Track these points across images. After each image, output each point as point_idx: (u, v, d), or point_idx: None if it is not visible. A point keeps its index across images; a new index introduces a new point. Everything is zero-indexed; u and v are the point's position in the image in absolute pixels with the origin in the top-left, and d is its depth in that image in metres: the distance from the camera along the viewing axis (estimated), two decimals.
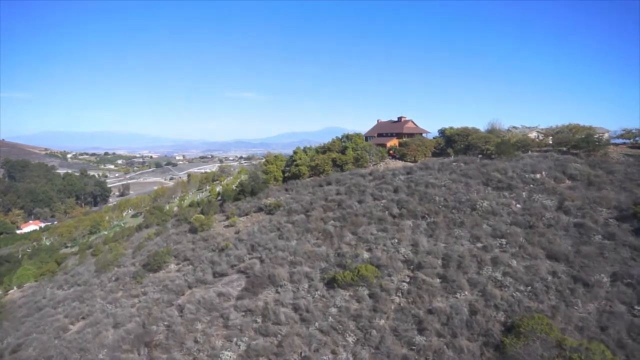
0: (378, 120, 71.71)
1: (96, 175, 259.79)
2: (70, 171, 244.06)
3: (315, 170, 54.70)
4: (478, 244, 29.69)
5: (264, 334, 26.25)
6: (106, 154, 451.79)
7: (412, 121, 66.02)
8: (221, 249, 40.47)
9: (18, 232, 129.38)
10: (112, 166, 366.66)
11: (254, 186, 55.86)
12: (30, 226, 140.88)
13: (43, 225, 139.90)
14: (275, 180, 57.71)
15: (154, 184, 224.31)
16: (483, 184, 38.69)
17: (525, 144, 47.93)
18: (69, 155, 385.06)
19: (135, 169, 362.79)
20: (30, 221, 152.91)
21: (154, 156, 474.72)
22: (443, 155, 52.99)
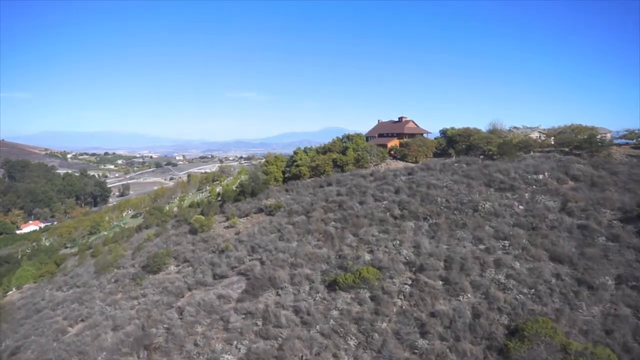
0: (379, 121, 71.43)
1: (96, 176, 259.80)
2: (70, 171, 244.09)
3: (316, 170, 54.41)
4: (480, 246, 29.45)
5: (265, 337, 26.00)
6: (106, 154, 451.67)
7: (413, 121, 65.74)
8: (221, 251, 40.21)
9: (18, 233, 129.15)
10: (112, 166, 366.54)
11: (254, 187, 55.55)
12: (30, 226, 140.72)
13: (43, 225, 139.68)
14: (276, 181, 57.43)
15: (154, 184, 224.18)
16: (485, 185, 38.42)
17: (527, 144, 47.66)
18: (69, 156, 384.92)
19: (135, 169, 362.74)
20: (30, 221, 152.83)
21: (154, 156, 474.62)
22: (444, 155, 52.73)
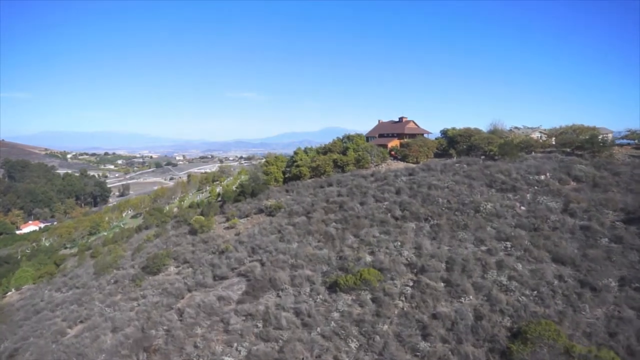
0: (379, 121, 71.29)
1: (96, 176, 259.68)
2: (70, 171, 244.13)
3: (316, 171, 54.24)
4: (482, 247, 29.24)
5: (265, 339, 25.78)
6: (106, 154, 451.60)
7: (414, 122, 65.61)
8: (221, 252, 40.00)
9: (17, 233, 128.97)
10: (112, 166, 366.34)
11: (254, 187, 55.35)
12: (30, 226, 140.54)
13: (43, 225, 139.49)
14: (276, 181, 57.27)
15: (154, 184, 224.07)
16: (487, 186, 38.23)
17: (528, 144, 47.51)
18: (69, 156, 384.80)
19: (135, 169, 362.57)
20: (30, 221, 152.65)
21: (154, 156, 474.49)
22: (445, 156, 52.60)
